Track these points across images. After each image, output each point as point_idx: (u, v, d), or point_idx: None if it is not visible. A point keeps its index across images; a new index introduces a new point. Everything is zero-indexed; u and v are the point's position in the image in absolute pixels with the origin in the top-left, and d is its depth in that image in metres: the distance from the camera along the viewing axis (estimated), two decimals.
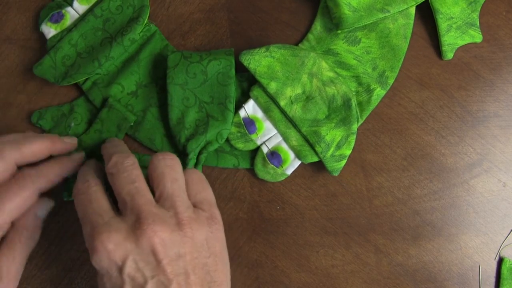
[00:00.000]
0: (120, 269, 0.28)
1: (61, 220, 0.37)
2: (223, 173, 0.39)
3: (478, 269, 0.38)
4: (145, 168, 0.36)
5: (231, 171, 0.39)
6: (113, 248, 0.28)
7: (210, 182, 0.38)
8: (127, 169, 0.31)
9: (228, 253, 0.37)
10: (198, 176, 0.33)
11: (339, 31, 0.39)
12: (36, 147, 0.32)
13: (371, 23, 0.39)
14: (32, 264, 0.37)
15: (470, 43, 0.41)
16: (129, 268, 0.28)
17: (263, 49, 0.37)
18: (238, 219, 0.38)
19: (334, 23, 0.39)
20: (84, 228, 0.30)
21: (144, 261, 0.28)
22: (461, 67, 0.41)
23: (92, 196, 0.31)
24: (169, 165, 0.32)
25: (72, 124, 0.38)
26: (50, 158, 0.34)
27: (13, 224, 0.32)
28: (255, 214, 0.38)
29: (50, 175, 0.33)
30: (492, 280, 0.38)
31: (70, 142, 0.35)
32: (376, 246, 0.38)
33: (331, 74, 0.38)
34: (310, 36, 0.40)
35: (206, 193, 0.33)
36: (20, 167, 0.32)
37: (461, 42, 0.40)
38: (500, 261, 0.38)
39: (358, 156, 0.39)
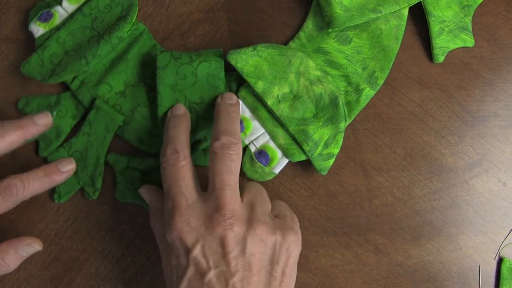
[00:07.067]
0: (188, 252, 0.29)
1: (60, 220, 0.37)
2: None
3: (478, 269, 0.38)
4: (137, 170, 0.37)
5: None
6: (187, 230, 0.30)
7: None
8: (231, 158, 0.32)
9: None
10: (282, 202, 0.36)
11: (330, 30, 0.39)
12: (9, 139, 0.33)
13: (362, 23, 0.39)
14: (32, 264, 0.37)
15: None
16: (196, 252, 0.29)
17: (250, 49, 0.37)
18: None
19: (325, 22, 0.39)
20: (166, 202, 0.31)
21: (212, 250, 0.29)
22: (461, 67, 0.41)
23: (180, 172, 0.32)
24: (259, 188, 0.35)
25: (54, 114, 0.38)
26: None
27: None
28: None
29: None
30: (492, 280, 0.38)
31: (44, 123, 0.35)
32: (375, 246, 0.38)
33: (318, 73, 0.38)
34: (301, 34, 0.40)
35: (289, 212, 0.34)
36: None
37: (452, 46, 0.40)
38: (500, 261, 0.38)
39: (358, 156, 0.39)
